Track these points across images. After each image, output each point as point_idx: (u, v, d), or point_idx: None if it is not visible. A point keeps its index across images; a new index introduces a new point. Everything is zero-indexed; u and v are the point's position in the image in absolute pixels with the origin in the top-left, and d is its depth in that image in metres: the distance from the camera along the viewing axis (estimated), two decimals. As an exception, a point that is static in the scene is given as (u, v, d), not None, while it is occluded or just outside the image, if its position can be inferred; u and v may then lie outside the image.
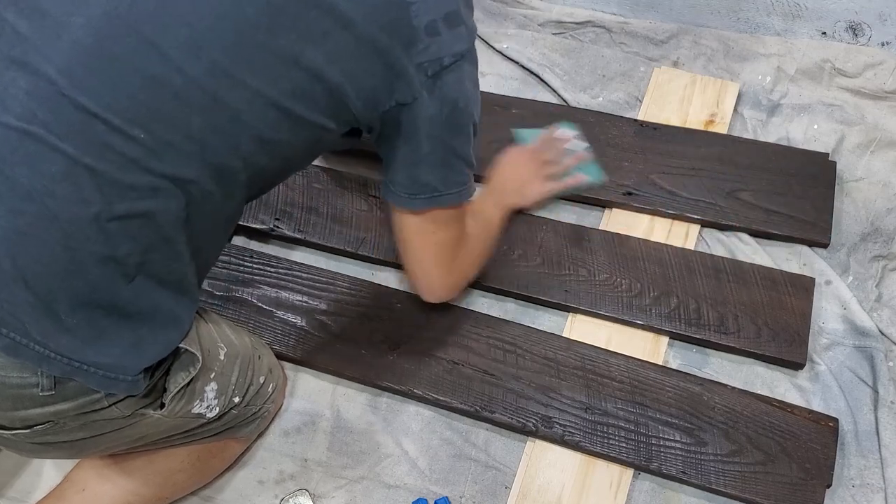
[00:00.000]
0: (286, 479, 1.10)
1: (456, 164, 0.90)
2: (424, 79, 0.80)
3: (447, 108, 0.82)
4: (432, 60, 0.79)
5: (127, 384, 0.79)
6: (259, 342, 1.08)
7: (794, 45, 1.43)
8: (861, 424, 1.06)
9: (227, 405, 0.97)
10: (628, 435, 1.05)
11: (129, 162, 0.73)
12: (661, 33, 1.49)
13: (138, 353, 0.79)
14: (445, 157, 0.89)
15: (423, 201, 0.92)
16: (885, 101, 1.36)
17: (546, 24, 1.55)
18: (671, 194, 1.26)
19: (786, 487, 1.00)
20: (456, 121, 0.84)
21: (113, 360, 0.77)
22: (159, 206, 0.76)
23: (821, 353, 1.12)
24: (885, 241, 1.21)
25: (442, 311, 1.18)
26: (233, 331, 1.00)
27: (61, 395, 0.78)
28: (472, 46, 0.84)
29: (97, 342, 0.76)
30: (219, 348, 0.94)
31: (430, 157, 0.88)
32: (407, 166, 0.89)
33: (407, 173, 0.90)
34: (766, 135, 1.34)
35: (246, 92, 0.75)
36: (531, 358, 1.13)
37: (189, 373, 0.87)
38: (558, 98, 1.44)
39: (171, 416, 0.89)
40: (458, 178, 0.92)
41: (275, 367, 1.09)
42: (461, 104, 0.83)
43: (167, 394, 0.87)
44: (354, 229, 1.28)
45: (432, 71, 0.79)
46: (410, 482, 1.08)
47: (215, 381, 0.93)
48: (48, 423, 0.80)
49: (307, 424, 1.13)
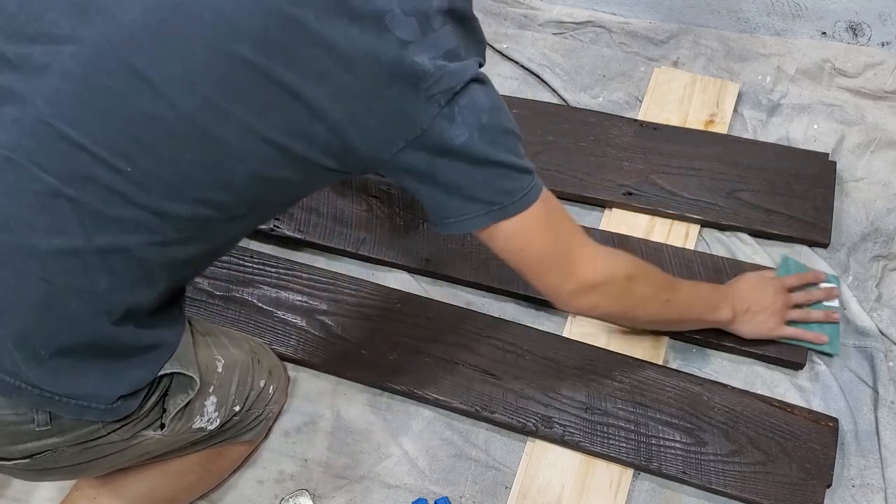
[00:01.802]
0: (286, 479, 1.10)
1: (508, 176, 0.83)
2: (438, 109, 0.77)
3: (475, 130, 0.79)
4: (443, 91, 0.76)
5: (100, 412, 0.78)
6: (258, 344, 1.08)
7: (794, 45, 1.43)
8: (861, 424, 1.06)
9: (228, 415, 0.97)
10: (628, 435, 1.05)
11: (112, 195, 0.72)
12: (661, 33, 1.49)
13: (114, 382, 0.79)
14: (492, 174, 0.82)
15: (484, 217, 0.83)
16: (885, 101, 1.36)
17: (546, 24, 1.55)
18: (671, 194, 1.26)
19: (786, 487, 1.00)
20: (490, 137, 0.80)
21: (87, 391, 0.77)
22: (143, 241, 0.75)
23: (821, 353, 1.12)
24: (885, 241, 1.21)
25: (442, 311, 1.18)
26: (229, 339, 1.00)
27: (58, 428, 0.78)
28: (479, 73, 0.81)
29: (71, 374, 0.76)
30: (216, 361, 0.94)
31: (475, 181, 0.81)
32: (452, 195, 0.82)
33: (455, 200, 0.83)
34: (766, 135, 1.34)
35: (238, 128, 0.73)
36: (531, 358, 1.13)
37: (188, 394, 0.87)
38: (558, 98, 1.44)
39: (172, 434, 0.89)
40: (514, 184, 0.83)
41: (275, 367, 1.08)
42: (486, 119, 0.79)
43: (166, 415, 0.86)
44: (355, 229, 1.28)
45: (445, 100, 0.77)
46: (410, 482, 1.08)
47: (214, 395, 0.93)
48: (47, 451, 0.80)
49: (307, 424, 1.13)
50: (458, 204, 0.82)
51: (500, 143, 0.81)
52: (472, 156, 0.79)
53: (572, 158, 1.32)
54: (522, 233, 0.85)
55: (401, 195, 1.31)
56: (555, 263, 0.89)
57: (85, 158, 0.71)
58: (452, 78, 0.76)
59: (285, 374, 1.14)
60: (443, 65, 0.76)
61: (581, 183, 1.29)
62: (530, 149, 1.32)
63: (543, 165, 1.31)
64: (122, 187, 0.72)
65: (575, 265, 0.89)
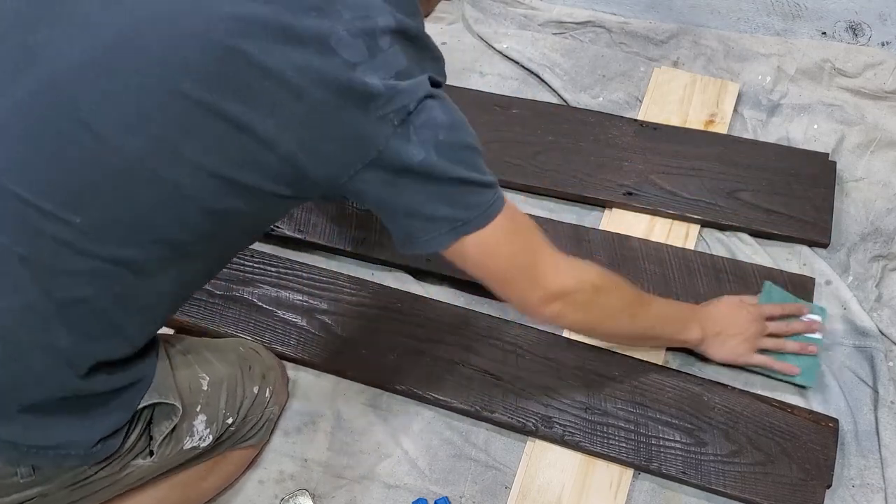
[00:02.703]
0: (286, 479, 1.10)
1: (469, 191, 0.81)
2: (392, 128, 0.75)
3: (431, 148, 0.77)
4: (396, 110, 0.74)
5: (80, 458, 0.78)
6: (248, 348, 1.06)
7: (794, 45, 1.43)
8: (861, 424, 1.06)
9: (221, 429, 0.96)
10: (628, 435, 1.05)
11: (63, 247, 0.71)
12: (661, 33, 1.49)
13: (91, 427, 0.78)
14: (454, 191, 0.80)
15: (449, 234, 0.81)
16: (885, 101, 1.36)
17: (546, 24, 1.55)
18: (671, 194, 1.26)
19: (786, 488, 1.00)
20: (448, 155, 0.78)
21: (62, 440, 0.76)
22: (101, 291, 0.74)
23: (821, 353, 1.12)
24: (885, 241, 1.21)
25: (442, 311, 1.18)
26: (213, 351, 0.98)
27: (42, 477, 0.78)
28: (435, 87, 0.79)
29: (43, 426, 0.75)
30: (200, 380, 0.92)
31: (436, 199, 0.80)
32: (414, 215, 0.81)
33: (418, 220, 0.81)
34: (766, 135, 1.34)
35: (187, 165, 0.71)
36: (531, 358, 1.13)
37: (172, 420, 0.86)
38: (558, 98, 1.44)
39: (163, 459, 0.88)
40: (476, 199, 0.81)
41: (269, 369, 1.06)
42: (444, 136, 0.77)
43: (153, 442, 0.86)
44: (354, 229, 1.28)
45: (399, 119, 0.75)
46: (410, 482, 1.08)
47: (203, 413, 0.92)
48: (37, 497, 0.80)
49: (307, 424, 1.13)
50: (419, 224, 0.81)
51: (459, 159, 0.79)
52: (431, 174, 0.77)
53: (572, 158, 1.32)
54: (488, 246, 0.83)
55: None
56: (521, 273, 0.88)
57: (32, 214, 0.69)
58: (405, 97, 0.75)
59: (282, 372, 1.13)
60: (394, 84, 0.74)
61: (581, 183, 1.29)
62: (530, 149, 1.34)
63: (543, 165, 1.32)
64: (73, 238, 0.71)
65: (541, 274, 0.88)
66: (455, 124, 0.80)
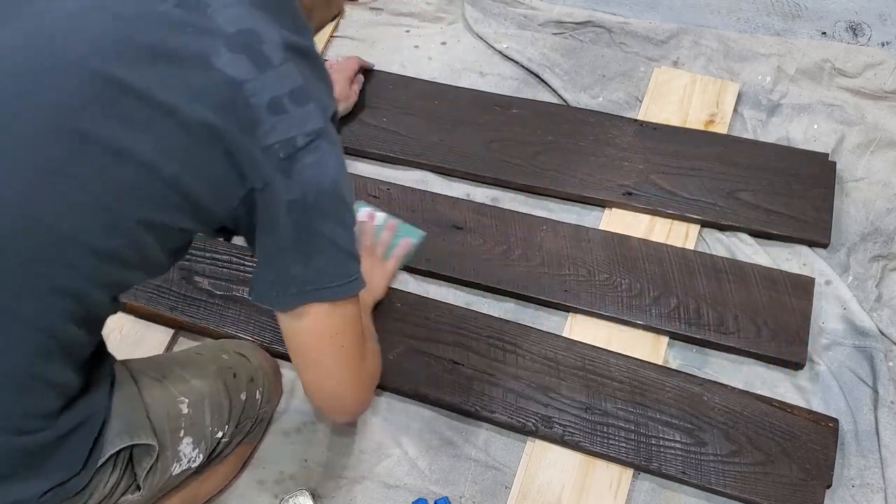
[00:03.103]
0: (286, 479, 1.10)
1: (331, 254, 0.76)
2: (277, 161, 0.70)
3: (311, 192, 0.72)
4: (283, 141, 0.69)
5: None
6: (233, 352, 1.02)
7: (794, 45, 1.43)
8: (861, 424, 1.06)
9: (211, 445, 0.94)
10: (628, 435, 1.05)
11: None
12: (661, 33, 1.49)
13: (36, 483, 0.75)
14: (317, 246, 0.75)
15: (295, 296, 0.77)
16: (885, 101, 1.36)
17: (546, 24, 1.55)
18: (671, 194, 1.26)
19: (786, 488, 1.00)
20: (323, 205, 0.73)
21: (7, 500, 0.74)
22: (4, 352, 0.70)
23: (821, 353, 1.12)
24: (885, 241, 1.21)
25: (442, 311, 1.18)
26: (191, 368, 0.95)
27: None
28: (328, 124, 0.73)
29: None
30: (179, 404, 0.89)
31: (298, 247, 0.75)
32: (273, 260, 0.76)
33: (274, 268, 0.76)
34: (766, 135, 1.34)
35: (69, 206, 0.67)
36: (531, 358, 1.13)
37: (152, 456, 0.84)
38: (558, 98, 1.44)
39: (153, 489, 0.86)
40: (337, 269, 0.77)
41: (257, 370, 1.03)
42: (326, 187, 0.72)
43: (138, 478, 0.84)
44: (354, 229, 1.28)
45: (285, 153, 0.70)
46: (410, 482, 1.08)
47: (188, 436, 0.89)
48: None
49: (307, 424, 1.13)
50: (276, 274, 0.76)
51: (335, 215, 0.75)
52: (302, 220, 0.73)
53: (572, 158, 1.32)
54: (331, 323, 0.79)
55: (401, 195, 1.31)
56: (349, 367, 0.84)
57: None
58: (294, 126, 0.70)
59: (274, 370, 1.10)
60: (284, 106, 0.69)
61: (581, 183, 1.29)
62: (530, 149, 1.34)
63: (543, 165, 1.32)
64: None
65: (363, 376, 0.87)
66: (341, 177, 0.75)
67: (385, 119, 1.41)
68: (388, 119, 1.41)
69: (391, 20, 1.60)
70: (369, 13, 1.61)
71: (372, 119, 1.41)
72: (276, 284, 0.77)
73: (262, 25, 0.70)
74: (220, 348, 1.03)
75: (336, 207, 0.75)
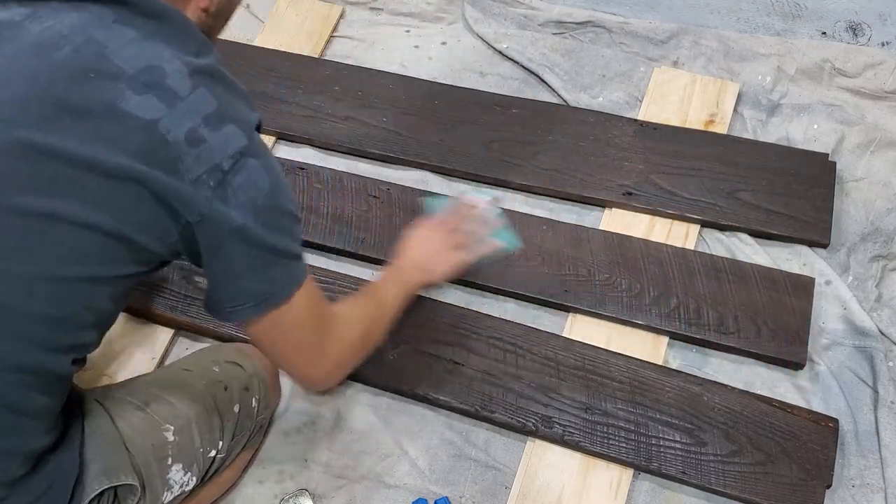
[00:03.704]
0: (286, 479, 1.10)
1: (281, 264, 0.78)
2: (210, 191, 0.70)
3: (249, 213, 0.73)
4: (209, 170, 0.70)
5: None
6: (225, 361, 1.00)
7: (794, 45, 1.43)
8: (861, 424, 1.06)
9: (205, 465, 0.93)
10: (628, 435, 1.05)
11: None
12: (661, 33, 1.49)
13: None
14: (265, 261, 0.77)
15: (252, 308, 0.78)
16: (885, 101, 1.36)
17: (546, 24, 1.55)
18: (671, 194, 1.26)
19: (786, 488, 1.00)
20: (264, 221, 0.74)
21: None
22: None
23: (821, 353, 1.12)
24: (885, 241, 1.21)
25: (442, 311, 1.18)
26: (176, 388, 0.93)
27: None
28: (252, 138, 0.74)
29: None
30: (163, 432, 0.88)
31: (247, 267, 0.76)
32: (223, 280, 0.77)
33: (225, 288, 0.78)
34: (765, 135, 1.34)
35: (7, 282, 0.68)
36: (531, 358, 1.13)
37: (135, 494, 0.83)
38: (558, 98, 1.44)
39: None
40: (288, 275, 0.79)
41: (251, 378, 1.00)
42: (262, 202, 0.73)
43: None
44: (354, 229, 1.28)
45: (214, 181, 0.70)
46: (410, 482, 1.08)
47: (177, 462, 0.88)
48: None
49: (307, 424, 1.13)
50: (229, 293, 0.77)
51: (279, 226, 0.76)
52: (247, 240, 0.74)
53: (572, 158, 1.32)
54: (285, 321, 0.81)
55: (401, 195, 1.31)
56: (310, 352, 0.86)
57: None
58: (215, 153, 0.70)
59: (272, 373, 1.06)
60: (202, 136, 0.69)
61: (581, 183, 1.29)
62: (530, 149, 1.34)
63: (543, 165, 1.32)
64: None
65: (327, 353, 0.88)
66: (276, 188, 0.75)
67: (385, 119, 1.41)
68: (388, 119, 1.41)
69: (391, 20, 1.60)
70: (369, 13, 1.61)
71: (372, 119, 1.41)
72: (228, 302, 0.78)
73: (163, 57, 0.70)
74: (211, 359, 1.01)
75: (276, 218, 0.76)
